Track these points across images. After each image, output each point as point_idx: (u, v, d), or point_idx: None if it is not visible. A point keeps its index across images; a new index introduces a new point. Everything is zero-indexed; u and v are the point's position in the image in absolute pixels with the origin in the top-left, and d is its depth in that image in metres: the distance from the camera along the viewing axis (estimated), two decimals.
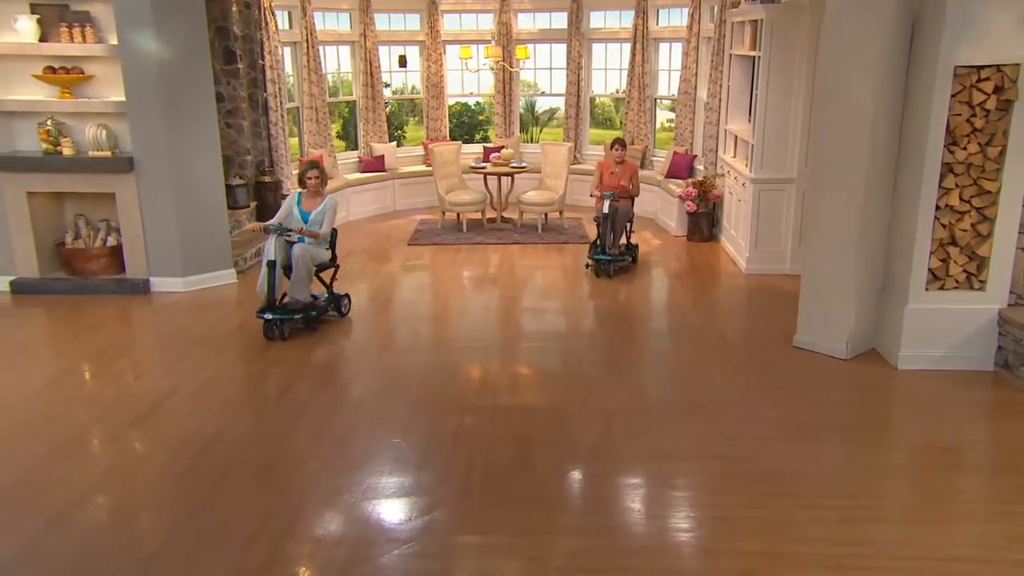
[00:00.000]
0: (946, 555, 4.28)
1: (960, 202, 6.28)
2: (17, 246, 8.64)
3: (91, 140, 8.40)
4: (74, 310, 8.25)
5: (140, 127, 8.34)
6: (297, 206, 7.46)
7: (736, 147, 10.18)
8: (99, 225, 8.91)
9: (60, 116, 8.46)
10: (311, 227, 7.42)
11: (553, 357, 7.21)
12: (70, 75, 8.37)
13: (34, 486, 4.96)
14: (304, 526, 4.54)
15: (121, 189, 8.50)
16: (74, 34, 8.22)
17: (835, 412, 6.01)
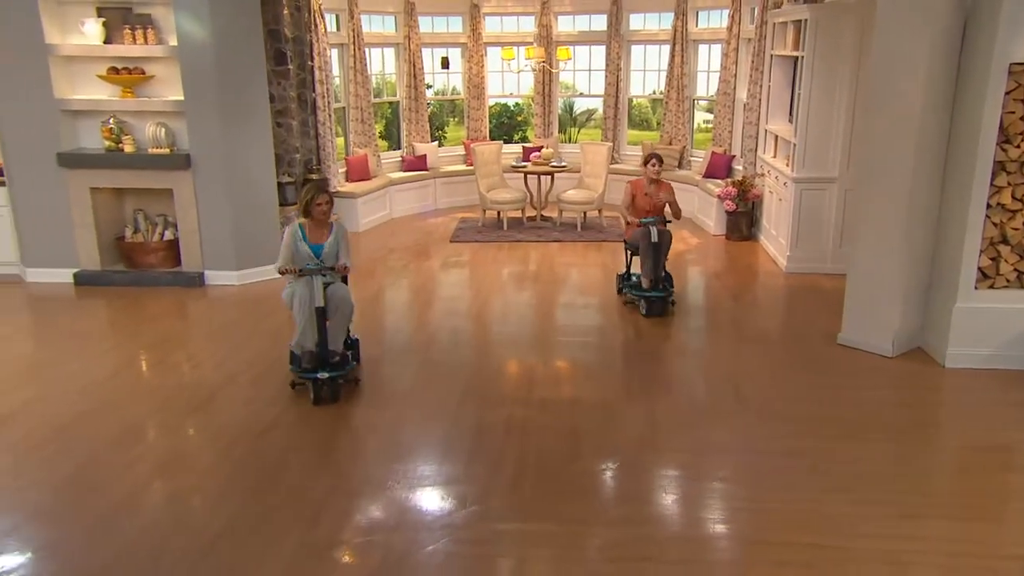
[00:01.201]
0: (1005, 553, 4.20)
1: (1012, 200, 6.17)
2: (80, 240, 8.77)
3: (151, 138, 8.50)
4: (133, 302, 8.34)
5: (197, 125, 8.41)
6: (303, 240, 6.03)
7: (776, 147, 10.05)
8: (157, 220, 9.01)
9: (122, 115, 8.59)
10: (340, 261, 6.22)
11: (596, 352, 7.17)
12: (132, 75, 8.47)
13: (101, 469, 5.02)
14: (361, 511, 4.56)
15: (178, 185, 8.58)
16: (136, 36, 8.33)
17: (882, 410, 5.91)
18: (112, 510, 4.55)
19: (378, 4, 12.68)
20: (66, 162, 8.51)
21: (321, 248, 6.07)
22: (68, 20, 8.43)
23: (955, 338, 6.45)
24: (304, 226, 6.06)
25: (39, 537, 4.31)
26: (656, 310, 7.75)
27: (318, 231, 6.11)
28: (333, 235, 6.14)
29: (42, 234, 8.83)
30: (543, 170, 11.77)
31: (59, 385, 6.27)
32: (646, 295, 7.83)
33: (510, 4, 13.57)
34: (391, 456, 5.21)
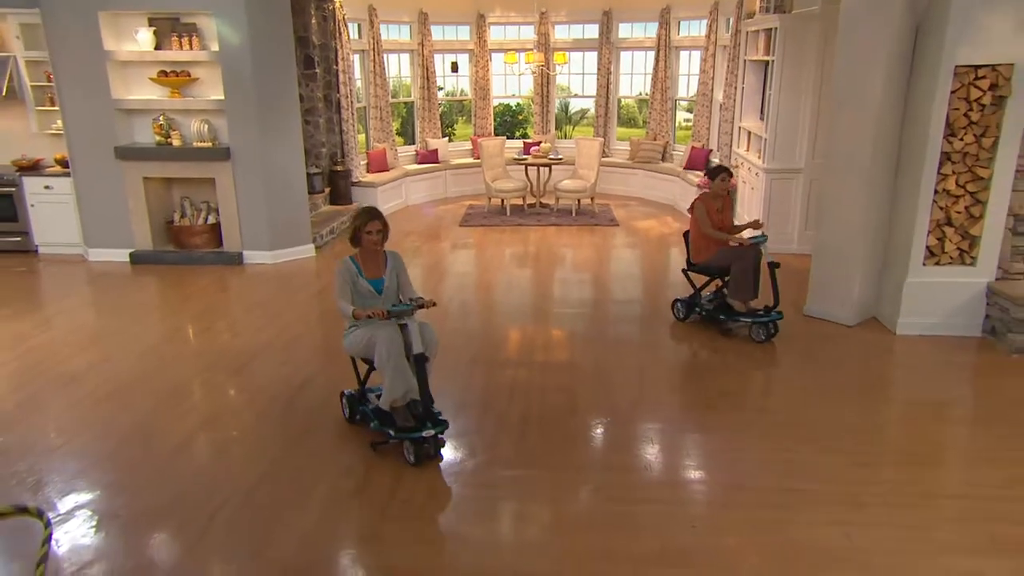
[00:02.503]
0: (946, 493, 4.27)
1: (956, 187, 6.18)
2: (135, 223, 8.81)
3: (195, 133, 8.52)
4: (181, 278, 8.39)
5: (236, 122, 8.43)
6: (360, 276, 4.71)
7: (749, 141, 10.03)
8: (201, 206, 9.03)
9: (170, 112, 8.60)
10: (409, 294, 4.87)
11: (590, 321, 7.20)
12: (179, 77, 8.47)
13: (156, 422, 5.09)
14: (388, 461, 4.59)
15: (220, 175, 8.61)
16: (183, 43, 8.31)
17: (843, 371, 5.96)
18: (167, 457, 4.63)
19: (395, 14, 12.63)
20: (122, 155, 8.53)
21: (381, 283, 4.77)
22: (123, 29, 8.41)
23: (906, 309, 6.49)
24: (356, 259, 4.74)
25: (105, 479, 4.40)
26: (765, 334, 6.40)
27: (373, 264, 4.78)
28: (390, 267, 4.83)
29: (102, 218, 8.87)
30: (542, 162, 11.78)
31: (119, 350, 6.33)
32: (760, 319, 6.40)
33: (512, 14, 13.49)
34: None
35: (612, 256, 9.53)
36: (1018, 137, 6.02)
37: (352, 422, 4.97)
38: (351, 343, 4.75)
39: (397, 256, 4.94)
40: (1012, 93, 5.88)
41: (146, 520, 3.99)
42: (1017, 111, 5.94)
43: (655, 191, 12.49)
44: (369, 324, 4.55)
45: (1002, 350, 6.14)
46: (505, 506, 4.18)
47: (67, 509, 4.06)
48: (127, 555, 3.72)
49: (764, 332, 6.39)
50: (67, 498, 4.16)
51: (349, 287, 4.65)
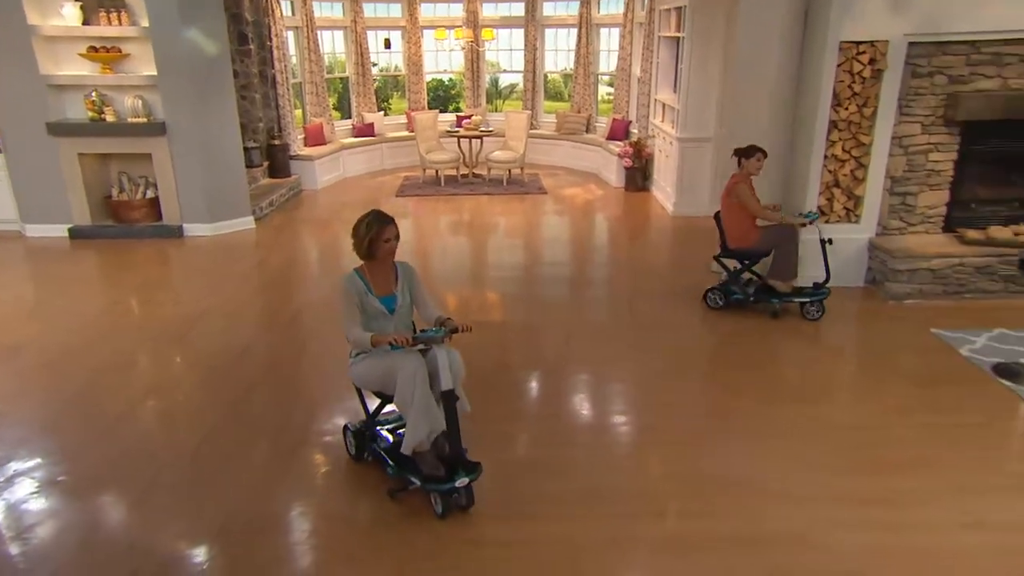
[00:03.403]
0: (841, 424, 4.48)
1: (842, 152, 6.37)
2: (72, 199, 8.46)
3: (129, 109, 8.19)
4: (121, 252, 8.13)
5: (170, 97, 8.13)
6: (369, 293, 3.76)
7: (664, 113, 10.16)
8: (139, 181, 8.72)
9: (103, 88, 8.22)
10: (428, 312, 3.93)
11: (521, 284, 7.26)
12: (109, 53, 8.09)
13: (98, 390, 4.97)
14: (325, 418, 4.60)
15: (156, 150, 8.32)
16: (111, 18, 7.95)
17: (745, 319, 6.14)
18: (110, 423, 4.53)
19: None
20: (54, 131, 8.15)
21: (393, 301, 3.81)
22: (48, 4, 7.95)
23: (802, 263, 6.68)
24: (363, 273, 3.78)
25: (47, 447, 4.29)
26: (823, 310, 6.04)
27: (383, 278, 3.82)
28: (402, 280, 3.88)
29: (37, 194, 8.47)
30: (473, 134, 11.70)
31: (58, 321, 6.13)
32: (817, 296, 6.03)
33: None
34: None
35: (542, 222, 9.58)
36: (893, 107, 6.24)
37: (359, 461, 4.05)
38: (362, 374, 3.80)
39: (408, 267, 3.94)
40: (888, 67, 6.09)
41: (88, 484, 3.92)
42: (892, 83, 6.16)
43: (580, 161, 12.55)
44: (386, 352, 3.64)
45: (881, 298, 6.42)
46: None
47: (7, 476, 3.95)
48: (69, 517, 3.65)
49: (818, 310, 6.01)
50: (8, 465, 4.05)
51: (354, 305, 3.69)
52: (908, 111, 6.29)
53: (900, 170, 6.47)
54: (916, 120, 6.33)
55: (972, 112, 6.18)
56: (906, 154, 6.43)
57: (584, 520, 3.58)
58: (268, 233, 8.83)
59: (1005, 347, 5.42)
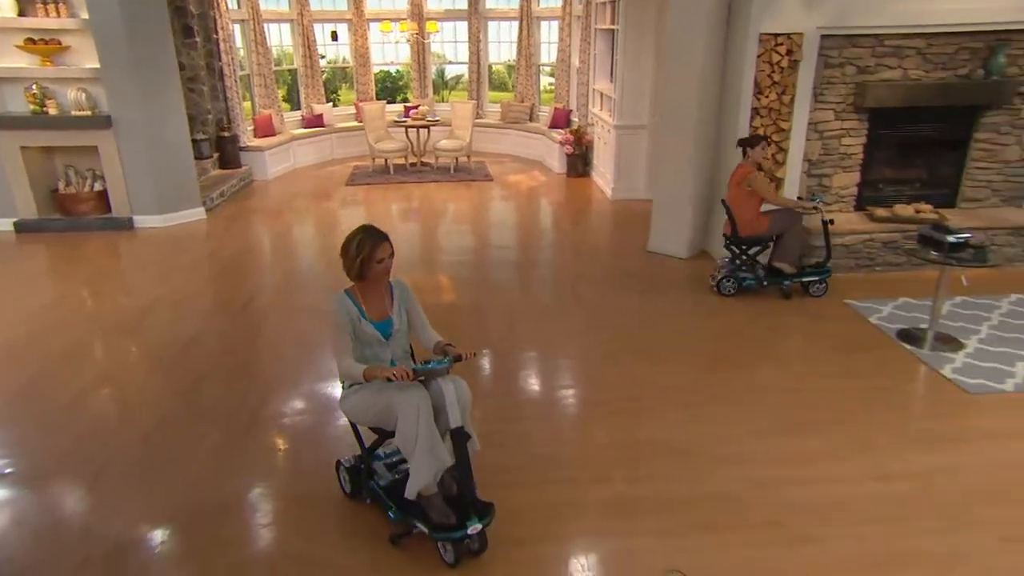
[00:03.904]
0: (761, 388, 4.65)
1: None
2: (16, 192, 8.17)
3: (72, 101, 7.93)
4: (70, 244, 7.89)
5: (114, 90, 7.88)
6: (363, 318, 3.26)
7: (602, 102, 10.26)
8: (86, 174, 8.46)
9: (44, 81, 7.93)
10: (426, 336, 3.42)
11: (468, 267, 7.27)
12: (48, 46, 7.81)
13: (48, 380, 4.86)
14: (275, 403, 4.57)
15: (102, 143, 8.07)
16: (49, 10, 7.65)
17: (677, 294, 6.29)
18: (61, 411, 4.45)
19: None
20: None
21: (389, 325, 3.33)
22: None
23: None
24: (355, 295, 3.28)
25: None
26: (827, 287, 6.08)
27: (376, 300, 3.33)
28: (397, 301, 3.41)
29: None
30: (420, 124, 11.63)
31: (6, 314, 5.95)
32: (823, 274, 6.06)
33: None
34: (301, 357, 5.22)
35: (489, 208, 9.60)
36: (809, 95, 6.43)
37: (355, 499, 3.54)
38: (356, 408, 3.29)
39: (404, 286, 3.48)
40: (803, 58, 6.26)
41: (38, 474, 3.84)
42: (808, 73, 6.34)
43: (524, 148, 12.59)
44: (383, 385, 3.14)
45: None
46: None
47: None
48: (20, 507, 3.58)
49: (824, 287, 6.05)
50: None
51: (346, 331, 3.20)
52: (822, 99, 6.49)
53: (816, 153, 6.67)
54: (829, 107, 6.53)
55: (878, 100, 6.41)
56: (821, 139, 6.63)
57: (535, 486, 3.66)
58: (219, 223, 8.67)
59: (908, 315, 5.68)
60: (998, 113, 6.67)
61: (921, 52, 6.38)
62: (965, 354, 5.01)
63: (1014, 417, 4.30)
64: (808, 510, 3.46)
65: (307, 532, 3.36)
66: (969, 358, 4.96)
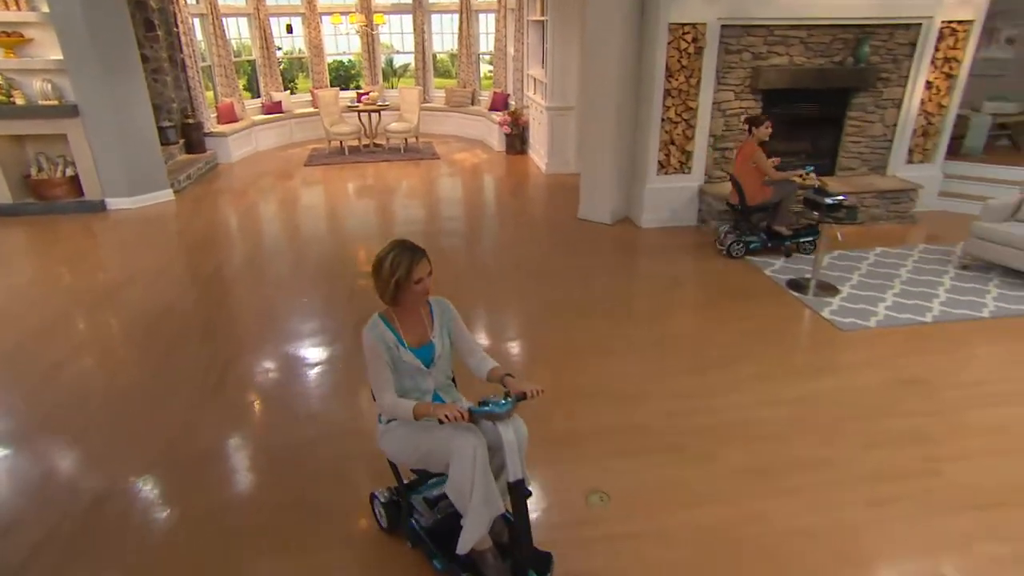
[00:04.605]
0: (675, 334, 4.80)
1: (675, 116, 6.65)
2: None
3: (39, 92, 7.52)
4: (46, 227, 7.55)
5: (79, 80, 7.48)
6: (401, 345, 2.58)
7: (535, 86, 10.22)
8: (57, 160, 8.07)
9: (8, 72, 7.48)
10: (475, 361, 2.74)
11: (419, 237, 7.06)
12: (10, 38, 7.35)
13: (29, 350, 4.71)
14: (245, 362, 4.54)
15: (70, 130, 7.69)
16: (9, 3, 7.20)
17: (605, 256, 6.40)
18: (42, 378, 4.33)
19: None
20: None
21: (430, 351, 2.66)
22: None
23: (647, 208, 7.02)
24: (390, 320, 2.60)
25: None
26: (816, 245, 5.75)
27: (415, 323, 2.66)
28: (438, 322, 2.71)
29: None
30: (372, 108, 11.38)
31: None
32: (812, 235, 6.13)
33: None
34: (264, 321, 5.17)
35: (436, 183, 9.52)
36: (712, 78, 6.55)
37: (392, 532, 2.95)
38: (398, 448, 2.64)
39: (445, 305, 2.76)
40: (707, 45, 6.37)
41: (22, 434, 3.76)
42: (711, 59, 6.45)
43: (467, 129, 12.48)
44: (431, 424, 2.50)
45: (709, 233, 6.83)
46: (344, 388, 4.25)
47: None
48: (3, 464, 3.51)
49: (812, 246, 6.09)
50: None
51: (381, 359, 2.52)
52: (724, 81, 6.63)
53: (720, 129, 6.84)
54: (730, 88, 6.68)
55: (769, 82, 6.59)
56: (724, 116, 6.79)
57: None
58: (188, 204, 8.41)
59: (796, 267, 5.93)
60: (865, 95, 6.94)
61: (803, 41, 6.56)
62: (840, 299, 5.28)
63: (875, 348, 4.58)
64: (709, 433, 3.64)
65: (282, 476, 3.39)
66: (843, 302, 5.23)
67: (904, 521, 3.05)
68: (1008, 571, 2.81)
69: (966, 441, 3.58)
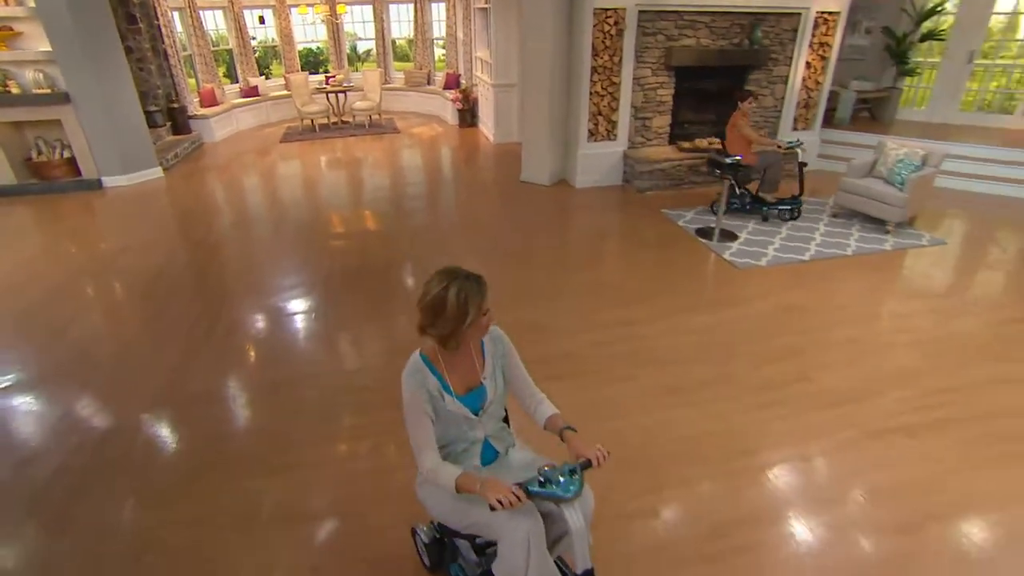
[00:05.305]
0: (601, 282, 4.84)
1: (601, 90, 6.57)
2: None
3: (32, 81, 6.96)
4: (47, 205, 7.09)
5: (69, 70, 6.92)
6: (447, 393, 1.84)
7: (483, 66, 9.93)
8: (55, 143, 7.53)
9: (2, 64, 6.89)
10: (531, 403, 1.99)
11: (383, 203, 7.02)
12: (1, 32, 6.75)
13: (37, 314, 4.49)
14: (232, 313, 4.42)
15: (64, 116, 7.16)
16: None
17: (545, 214, 6.35)
18: (52, 334, 4.16)
19: None
20: None
21: (481, 396, 1.96)
22: None
23: (580, 171, 6.98)
24: (433, 362, 1.91)
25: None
26: (798, 214, 5.88)
27: (465, 364, 1.96)
28: (491, 359, 2.00)
29: None
30: (338, 90, 10.88)
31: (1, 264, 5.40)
32: (793, 204, 5.83)
33: None
34: (250, 279, 5.02)
35: (397, 154, 9.25)
36: (632, 57, 6.46)
37: (436, 571, 2.34)
38: (438, 507, 1.96)
39: (499, 337, 2.04)
40: (627, 28, 6.26)
41: (37, 382, 3.63)
42: (630, 39, 6.35)
43: (424, 106, 12.11)
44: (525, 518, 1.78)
45: (632, 191, 6.87)
46: (322, 333, 4.19)
47: None
48: (21, 407, 3.40)
49: (790, 214, 5.83)
50: None
51: (428, 417, 1.86)
52: (642, 59, 6.55)
53: (640, 101, 6.80)
54: (648, 66, 6.61)
55: (680, 60, 6.54)
56: (643, 90, 6.74)
57: None
58: (177, 179, 8.01)
59: (703, 218, 6.03)
60: (759, 72, 6.96)
61: (708, 25, 6.50)
62: (738, 244, 5.42)
63: (765, 283, 4.74)
64: (627, 359, 3.75)
65: (276, 410, 3.37)
66: (741, 246, 5.37)
67: (783, 420, 3.23)
68: (859, 447, 3.03)
69: (830, 354, 3.78)
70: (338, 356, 3.86)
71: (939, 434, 3.12)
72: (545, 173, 7.14)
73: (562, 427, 1.91)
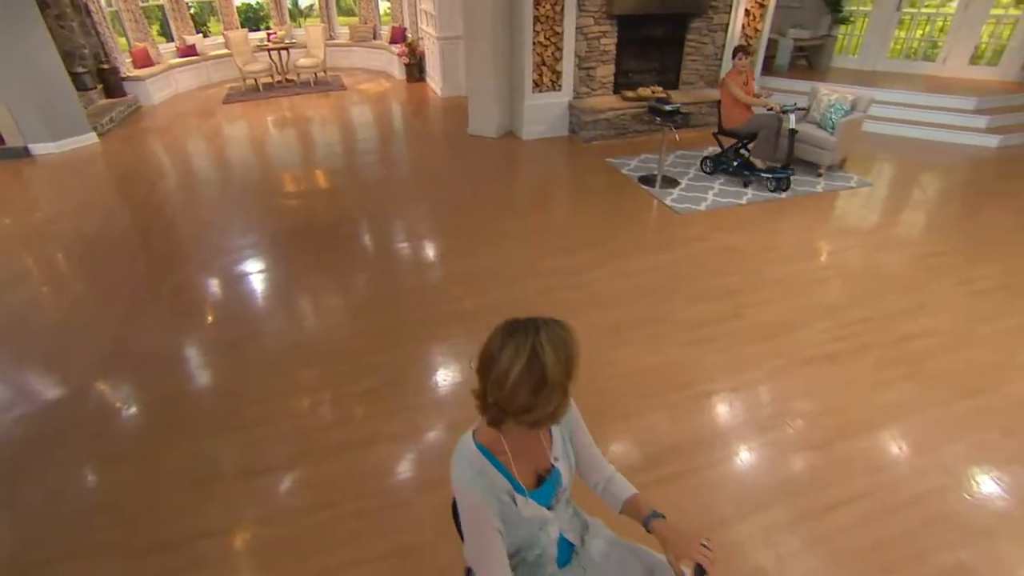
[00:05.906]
0: (553, 227, 4.80)
1: (544, 40, 6.37)
2: None
3: None
4: None
5: None
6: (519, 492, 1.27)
7: (428, 19, 9.49)
8: None
9: None
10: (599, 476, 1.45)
11: (334, 159, 6.74)
12: None
13: None
14: (178, 274, 4.22)
15: None
16: None
17: (492, 165, 6.22)
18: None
19: None
20: None
21: (555, 483, 1.39)
22: None
23: (527, 122, 6.83)
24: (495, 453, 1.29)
25: None
26: (787, 185, 5.28)
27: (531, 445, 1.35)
28: (559, 438, 1.40)
29: None
30: (281, 47, 10.27)
31: None
32: (777, 175, 5.25)
33: None
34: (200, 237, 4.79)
35: (346, 111, 8.86)
36: (574, 5, 6.25)
37: None
38: None
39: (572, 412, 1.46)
40: None
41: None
42: None
43: (371, 62, 11.56)
44: None
45: (578, 141, 6.77)
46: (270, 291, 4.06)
47: None
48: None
49: (774, 184, 5.24)
50: None
51: (498, 533, 1.30)
52: (584, 8, 6.35)
53: (584, 51, 6.62)
54: (590, 15, 6.42)
55: (622, 9, 6.37)
56: (586, 40, 6.56)
57: (398, 305, 3.71)
58: (114, 145, 7.49)
59: (646, 165, 6.02)
60: (700, 20, 6.85)
61: None
62: (679, 190, 5.43)
63: (703, 227, 4.78)
64: (572, 303, 3.76)
65: (227, 368, 3.26)
66: (681, 192, 5.39)
67: (718, 354, 3.32)
68: (787, 375, 3.14)
69: (763, 292, 3.87)
70: (288, 315, 3.74)
71: (857, 358, 3.26)
72: (492, 125, 6.97)
73: (647, 515, 1.43)
